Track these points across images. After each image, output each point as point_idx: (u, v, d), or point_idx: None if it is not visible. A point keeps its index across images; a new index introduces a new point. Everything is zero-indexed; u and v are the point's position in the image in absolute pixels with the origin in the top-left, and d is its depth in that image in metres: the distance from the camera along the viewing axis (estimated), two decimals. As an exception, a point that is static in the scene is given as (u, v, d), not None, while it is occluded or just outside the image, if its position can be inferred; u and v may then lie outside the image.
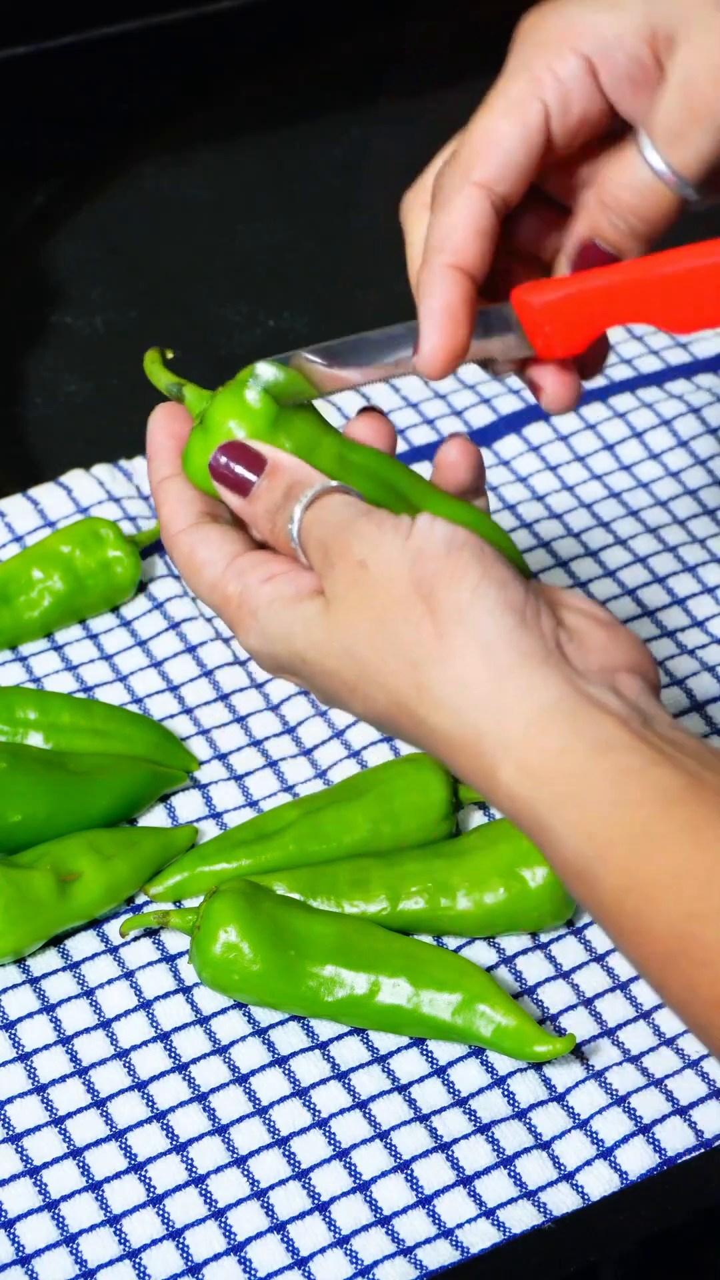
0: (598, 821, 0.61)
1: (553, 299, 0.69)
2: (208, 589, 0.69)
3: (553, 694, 0.62)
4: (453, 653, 0.63)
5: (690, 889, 0.59)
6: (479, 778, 0.64)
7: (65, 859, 0.81)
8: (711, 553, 0.98)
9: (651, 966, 0.61)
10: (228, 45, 1.32)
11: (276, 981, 0.78)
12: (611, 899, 0.61)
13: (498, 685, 0.62)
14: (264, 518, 0.68)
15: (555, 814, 0.62)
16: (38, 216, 1.20)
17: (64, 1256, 0.73)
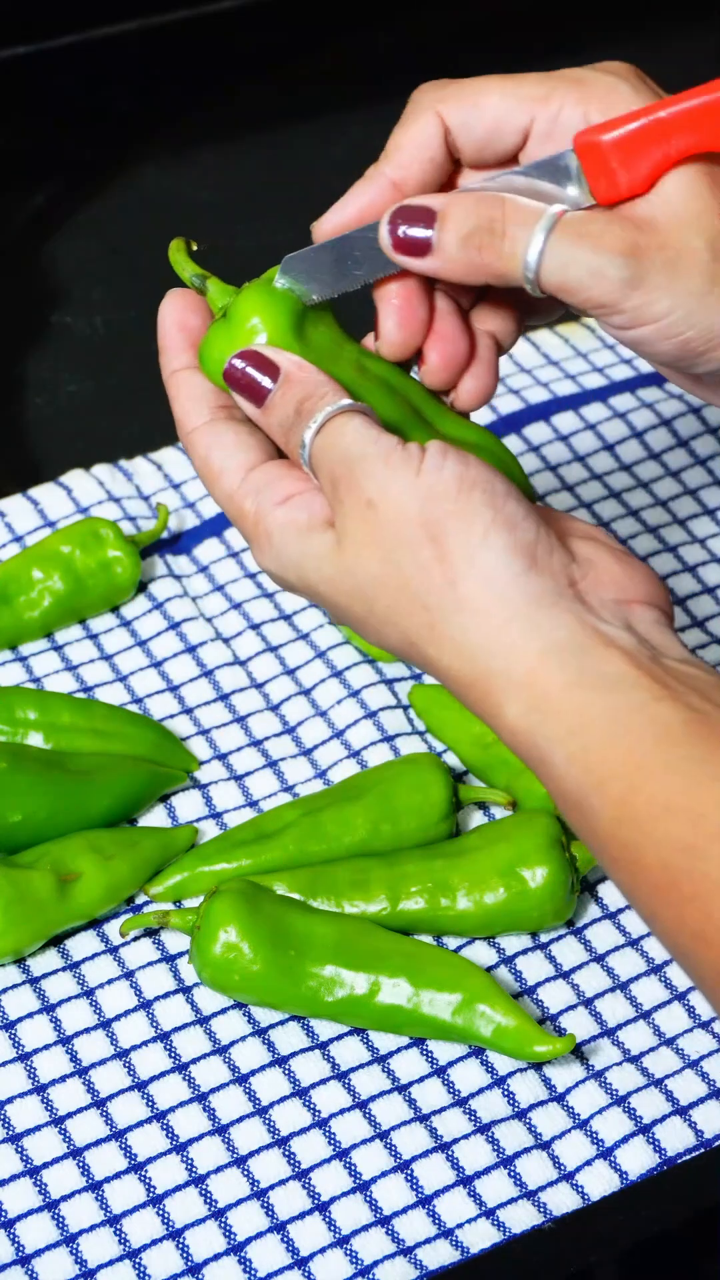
0: (596, 754, 0.62)
1: (622, 135, 0.66)
2: (224, 498, 0.69)
3: (563, 633, 0.63)
4: (463, 599, 0.64)
5: (682, 822, 0.60)
6: (486, 714, 0.65)
7: (65, 859, 0.81)
8: (711, 553, 0.98)
9: (641, 897, 0.62)
10: (228, 45, 1.32)
11: (276, 981, 0.78)
12: (606, 830, 0.62)
13: (507, 628, 0.63)
14: (278, 430, 0.68)
15: (556, 746, 0.63)
16: (38, 216, 1.20)
17: (64, 1256, 0.73)
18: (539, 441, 1.03)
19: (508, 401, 1.05)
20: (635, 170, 0.67)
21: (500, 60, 1.34)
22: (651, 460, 1.03)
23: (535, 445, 1.03)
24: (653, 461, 1.02)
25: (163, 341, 0.72)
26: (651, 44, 1.33)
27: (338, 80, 1.31)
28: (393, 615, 0.65)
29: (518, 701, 0.63)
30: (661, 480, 1.02)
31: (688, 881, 0.60)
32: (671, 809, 0.60)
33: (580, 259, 0.66)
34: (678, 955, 0.61)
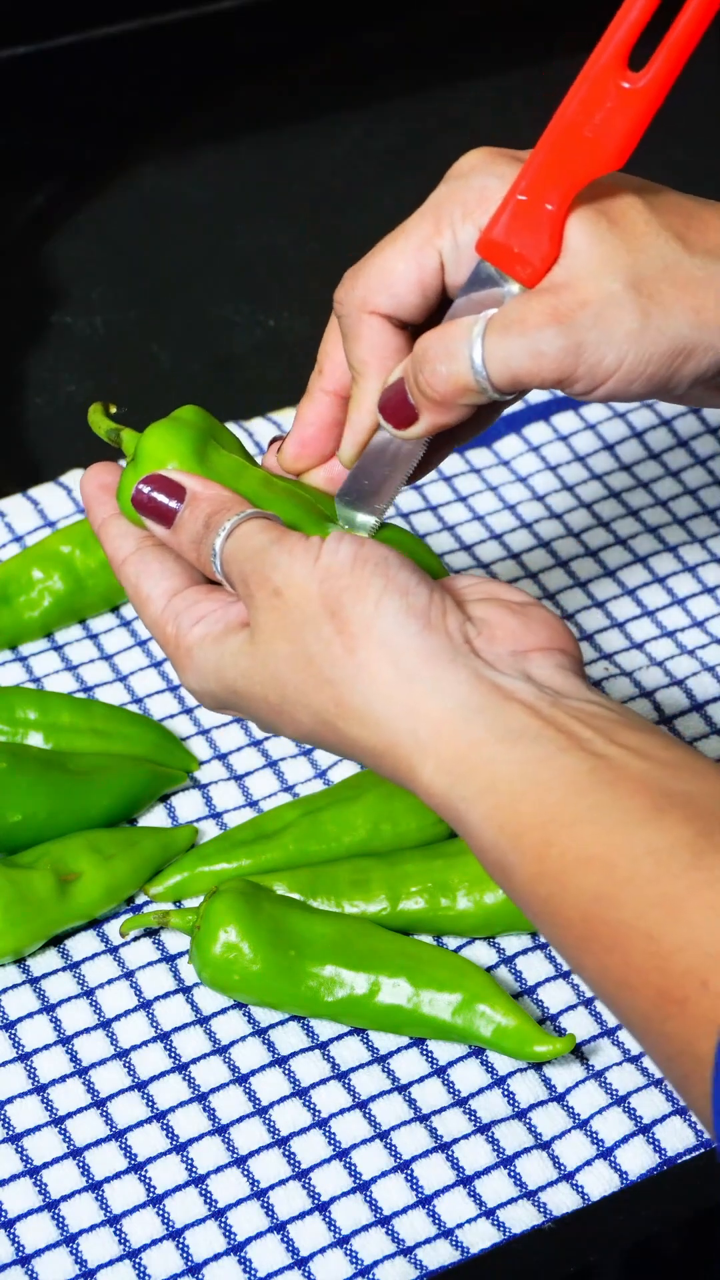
0: (509, 811, 0.63)
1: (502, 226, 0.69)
2: (151, 624, 0.72)
3: (462, 690, 0.65)
4: (362, 666, 0.65)
5: (596, 872, 0.61)
6: (402, 780, 0.66)
7: (65, 859, 0.81)
8: (711, 553, 0.98)
9: (566, 948, 0.62)
10: (228, 45, 1.32)
11: (276, 981, 0.78)
12: (526, 886, 0.63)
13: (408, 690, 0.65)
14: (189, 547, 0.71)
15: (469, 804, 0.64)
16: (38, 216, 1.20)
17: (64, 1256, 0.73)
18: (539, 441, 1.03)
19: (508, 401, 1.05)
20: (536, 245, 0.69)
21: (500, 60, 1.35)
22: (651, 460, 1.02)
23: (535, 445, 1.03)
24: (653, 461, 1.02)
25: (86, 500, 0.75)
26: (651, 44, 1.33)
27: (337, 80, 1.31)
28: (301, 695, 0.67)
29: (428, 763, 0.65)
30: (661, 480, 1.02)
31: (606, 931, 0.60)
32: (584, 860, 0.61)
33: (515, 347, 0.68)
34: (606, 1002, 0.62)
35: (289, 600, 0.67)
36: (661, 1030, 0.59)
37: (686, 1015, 0.58)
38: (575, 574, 0.97)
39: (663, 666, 0.93)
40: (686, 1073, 0.59)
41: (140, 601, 0.72)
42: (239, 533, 0.69)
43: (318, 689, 0.66)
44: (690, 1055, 0.58)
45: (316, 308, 1.10)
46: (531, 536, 0.99)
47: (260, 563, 0.68)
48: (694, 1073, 0.58)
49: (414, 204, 0.74)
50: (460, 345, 0.69)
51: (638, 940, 0.59)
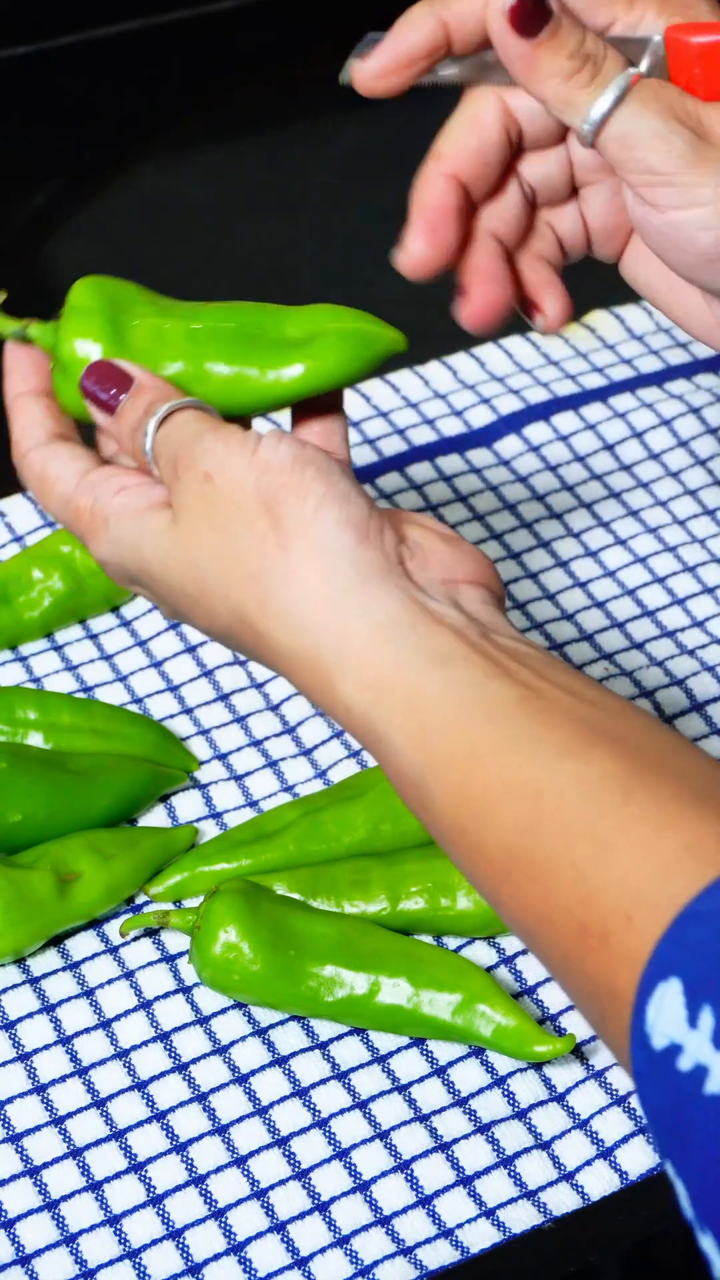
0: (432, 733, 0.62)
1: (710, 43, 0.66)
2: (60, 504, 0.71)
3: (392, 607, 0.63)
4: (293, 568, 0.64)
5: (519, 804, 0.59)
6: (318, 692, 0.64)
7: (65, 859, 0.82)
8: (711, 553, 0.98)
9: (483, 881, 0.61)
10: (228, 45, 1.32)
11: (276, 981, 0.78)
12: (445, 813, 0.61)
13: (336, 600, 0.63)
14: (127, 434, 0.70)
15: (391, 725, 0.62)
16: (38, 216, 1.20)
17: (64, 1256, 0.73)
18: (539, 441, 1.03)
19: (508, 401, 1.05)
20: (713, 81, 0.66)
21: (500, 60, 1.34)
22: (651, 460, 1.02)
23: (535, 445, 1.03)
24: (653, 461, 1.02)
25: (7, 366, 0.74)
26: (651, 44, 1.33)
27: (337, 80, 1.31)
28: (223, 588, 0.65)
29: (350, 678, 0.63)
30: (661, 480, 1.02)
31: (529, 862, 0.59)
32: (509, 788, 0.60)
33: (649, 122, 0.66)
34: (524, 938, 0.61)
35: (219, 488, 0.65)
36: (581, 967, 0.58)
37: (608, 951, 0.57)
38: (575, 574, 0.97)
39: (663, 666, 0.93)
40: (605, 1011, 0.57)
41: (47, 484, 0.71)
42: (175, 419, 0.68)
43: (241, 584, 0.65)
44: (609, 992, 0.57)
45: (316, 308, 1.11)
46: (531, 536, 0.99)
47: (192, 447, 0.67)
48: (611, 1010, 0.57)
49: (414, 204, 0.74)
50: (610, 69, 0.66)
51: (562, 873, 0.58)
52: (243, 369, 0.72)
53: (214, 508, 0.65)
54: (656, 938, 0.55)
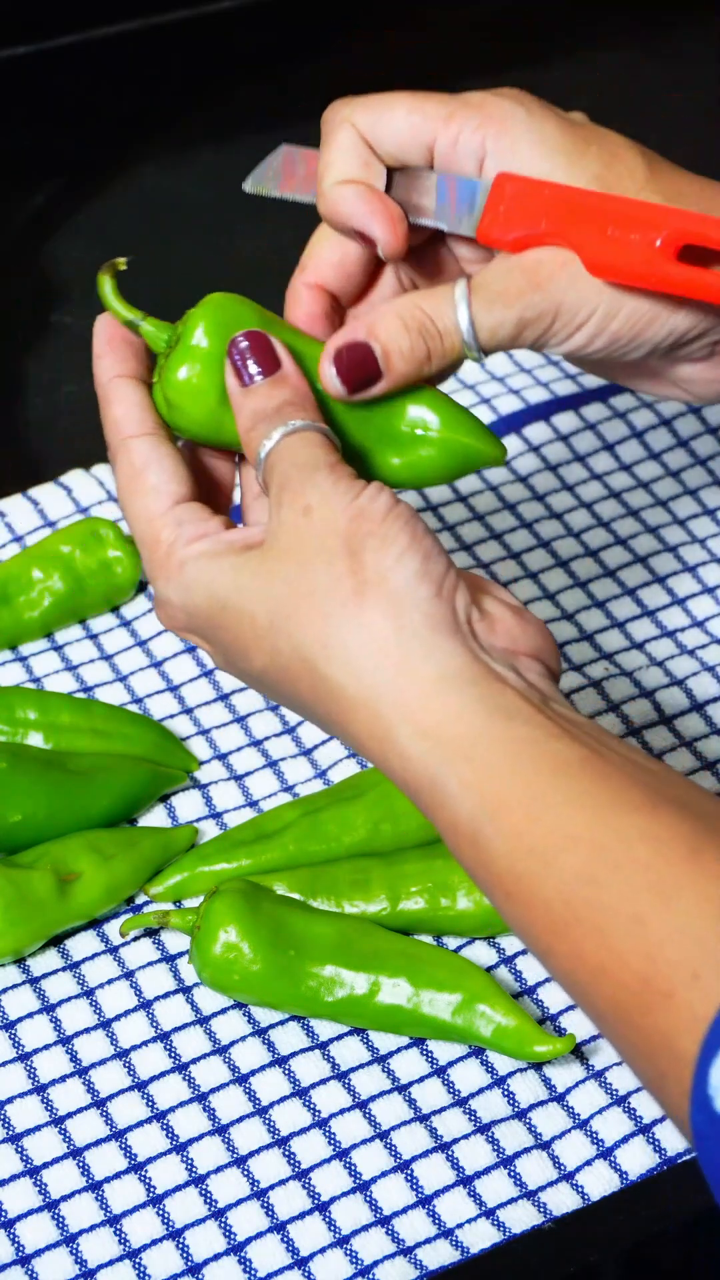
0: (492, 782, 0.61)
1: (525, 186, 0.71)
2: (144, 517, 0.70)
3: (456, 662, 0.63)
4: (364, 611, 0.64)
5: (583, 854, 0.59)
6: (373, 740, 0.64)
7: (65, 859, 0.82)
8: (711, 553, 0.98)
9: (538, 932, 0.60)
10: (228, 45, 1.32)
11: (276, 981, 0.78)
12: (503, 862, 0.61)
13: (402, 648, 0.63)
14: (248, 415, 0.69)
15: (450, 771, 0.62)
16: (38, 216, 1.20)
17: (64, 1256, 0.73)
18: (539, 441, 1.03)
19: (508, 401, 1.05)
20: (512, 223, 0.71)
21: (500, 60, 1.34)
22: (651, 460, 1.02)
23: (535, 445, 1.03)
24: (653, 461, 1.02)
25: (99, 348, 0.74)
26: (651, 44, 1.33)
27: (337, 81, 1.30)
28: (289, 624, 0.65)
29: (410, 725, 0.63)
30: (661, 480, 1.02)
31: (588, 913, 0.59)
32: (573, 839, 0.60)
33: (504, 317, 0.71)
34: (575, 992, 0.60)
35: (313, 523, 0.65)
36: (639, 1023, 0.57)
37: (671, 1008, 0.56)
38: (575, 574, 0.97)
39: (663, 666, 0.93)
40: (663, 1070, 0.57)
41: (140, 488, 0.70)
42: (302, 437, 0.68)
43: (309, 621, 0.65)
44: (669, 1051, 0.56)
45: (316, 308, 1.10)
46: (531, 536, 0.99)
47: (305, 477, 0.66)
48: (671, 1071, 0.56)
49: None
50: (448, 312, 0.70)
51: (625, 925, 0.58)
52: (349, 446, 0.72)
53: (303, 541, 0.65)
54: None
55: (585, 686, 0.92)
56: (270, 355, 0.70)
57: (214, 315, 0.72)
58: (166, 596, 0.69)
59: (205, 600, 0.68)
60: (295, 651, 0.65)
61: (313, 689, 0.65)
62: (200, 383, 0.71)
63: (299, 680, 0.66)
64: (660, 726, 0.90)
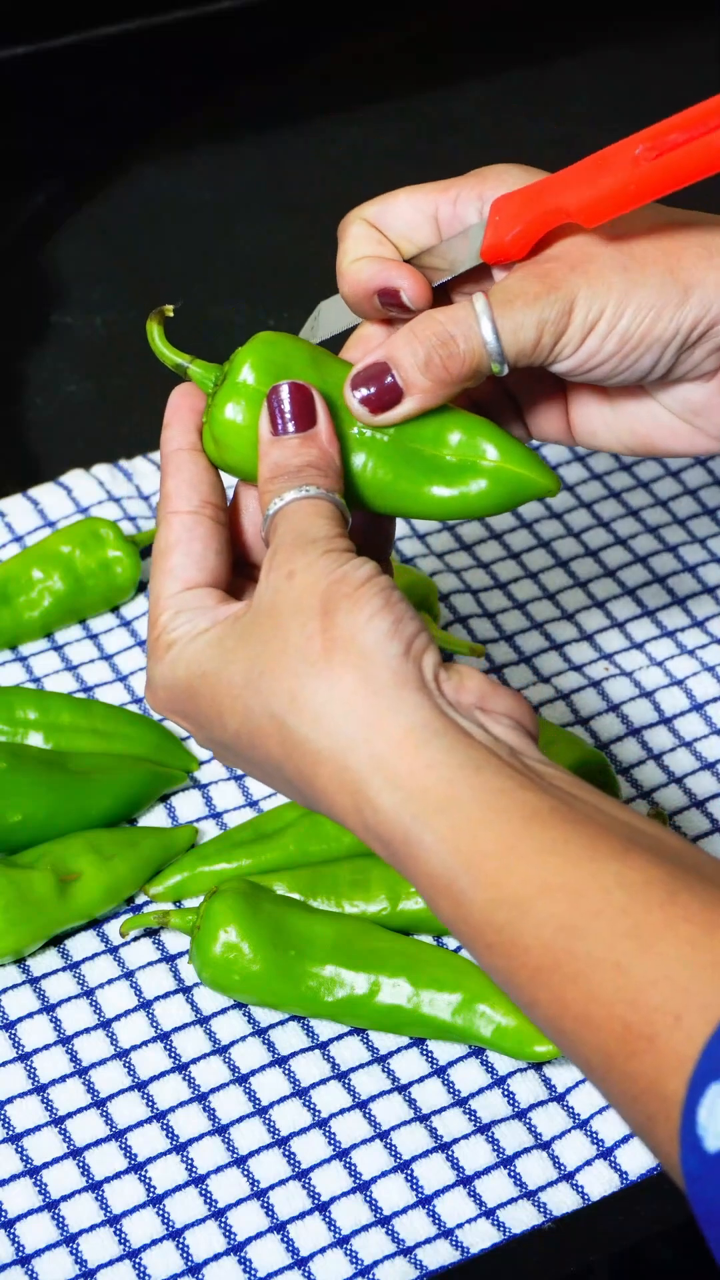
0: (466, 835, 0.61)
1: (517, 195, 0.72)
2: (154, 598, 0.71)
3: (423, 715, 0.63)
4: (332, 668, 0.64)
5: (562, 901, 0.59)
6: (342, 794, 0.64)
7: (65, 859, 0.82)
8: (711, 553, 0.98)
9: (520, 982, 0.60)
10: (228, 45, 1.32)
11: (276, 981, 0.78)
12: (480, 913, 0.61)
13: (370, 703, 0.64)
14: (270, 465, 0.70)
15: (423, 825, 0.62)
16: (38, 216, 1.20)
17: (64, 1256, 0.73)
18: (539, 442, 1.03)
19: (508, 401, 1.05)
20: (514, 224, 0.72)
21: (500, 60, 1.34)
22: (652, 461, 1.02)
23: (535, 446, 1.03)
24: (653, 462, 1.02)
25: (169, 416, 0.73)
26: (651, 44, 1.33)
27: (337, 81, 1.31)
28: (263, 680, 0.65)
29: (380, 776, 0.63)
30: (661, 480, 1.02)
31: (569, 961, 0.58)
32: (549, 888, 0.59)
33: (525, 319, 0.70)
34: (561, 1041, 0.60)
35: (294, 586, 0.66)
36: (625, 1068, 0.57)
37: (656, 1051, 0.56)
38: (575, 574, 0.97)
39: (663, 666, 0.93)
40: (652, 1113, 0.56)
41: (161, 569, 0.71)
42: (313, 504, 0.68)
43: (279, 678, 0.65)
44: (656, 1094, 0.56)
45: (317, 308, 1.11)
46: (532, 536, 0.99)
47: (298, 547, 0.67)
48: (660, 1113, 0.56)
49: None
50: (471, 323, 0.70)
51: (605, 972, 0.58)
52: (394, 482, 0.72)
53: (282, 602, 0.66)
54: (707, 1036, 0.55)
55: (585, 686, 0.92)
56: (309, 411, 0.70)
57: (261, 353, 0.71)
58: (151, 677, 0.70)
59: (185, 673, 0.68)
60: (265, 708, 0.66)
61: (281, 745, 0.65)
62: (247, 419, 0.70)
63: (269, 739, 0.66)
64: (660, 727, 0.90)
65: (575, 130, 1.23)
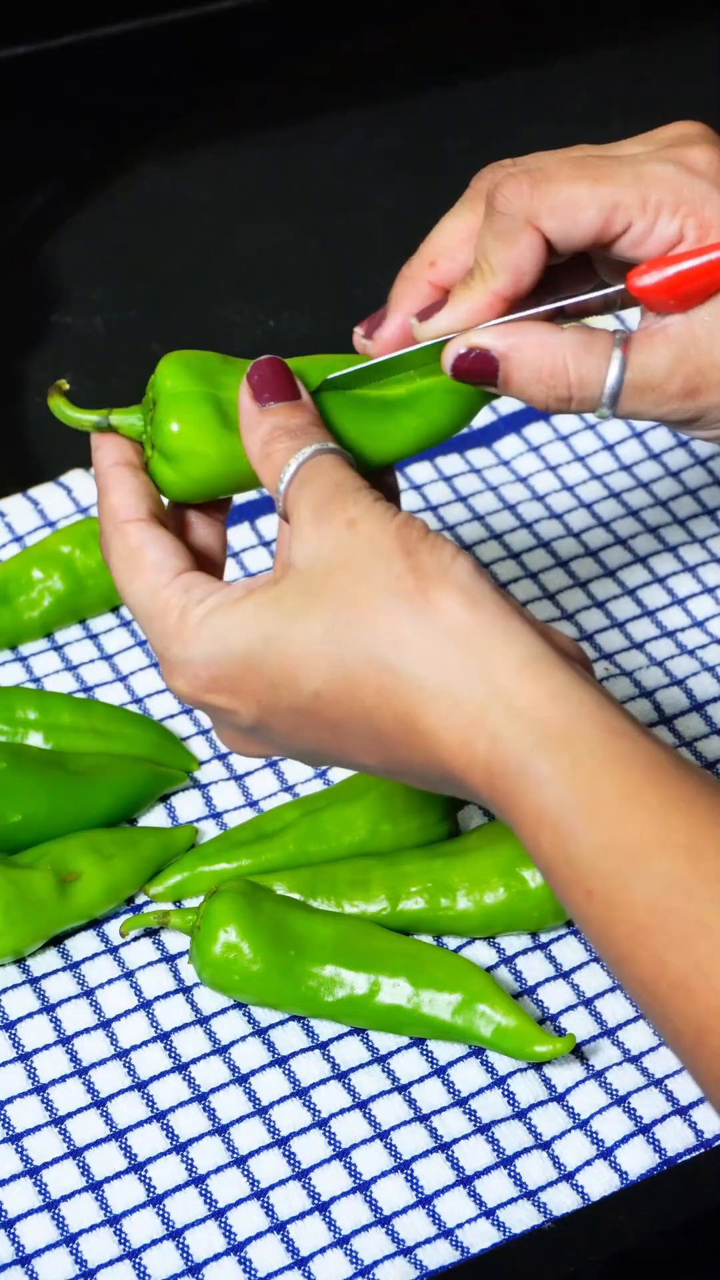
0: (587, 772, 0.59)
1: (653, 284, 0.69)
2: (146, 591, 0.68)
3: (538, 647, 0.62)
4: (435, 602, 0.62)
5: (681, 860, 0.57)
6: (452, 730, 0.62)
7: (65, 859, 0.82)
8: (711, 553, 0.98)
9: (617, 936, 0.58)
10: (228, 45, 1.32)
11: (276, 981, 0.78)
12: (589, 856, 0.59)
13: (483, 630, 0.62)
14: (267, 430, 0.68)
15: (543, 755, 0.60)
16: (38, 216, 1.20)
17: (64, 1256, 0.73)
18: (539, 442, 1.03)
19: (508, 401, 1.05)
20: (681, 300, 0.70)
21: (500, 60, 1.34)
22: (652, 461, 1.03)
23: (535, 445, 1.03)
24: (653, 462, 1.02)
25: (96, 440, 0.72)
26: (652, 44, 1.33)
27: (337, 81, 1.31)
28: (354, 629, 0.63)
29: (501, 704, 0.61)
30: (661, 480, 1.02)
31: (678, 924, 0.57)
32: (668, 845, 0.58)
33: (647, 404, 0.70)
34: (651, 1004, 0.58)
35: (360, 533, 0.64)
36: (718, 1045, 0.55)
37: None
38: (575, 574, 0.97)
39: (663, 666, 0.93)
40: None
41: (138, 564, 0.69)
42: (326, 458, 0.67)
43: (375, 622, 0.63)
44: None
45: (316, 308, 1.11)
46: (532, 536, 0.99)
47: (345, 493, 0.65)
48: None
49: (414, 204, 0.74)
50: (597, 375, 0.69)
51: (713, 941, 0.56)
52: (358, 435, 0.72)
53: (352, 551, 0.64)
54: None
55: (585, 686, 0.92)
56: (289, 382, 0.69)
57: (175, 364, 0.71)
58: (187, 657, 0.66)
59: (241, 643, 0.65)
60: (361, 655, 0.63)
61: (379, 691, 0.63)
62: (196, 418, 0.70)
63: (364, 686, 0.63)
64: (660, 726, 0.90)
65: (575, 130, 1.23)
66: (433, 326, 0.71)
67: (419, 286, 0.72)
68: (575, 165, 0.68)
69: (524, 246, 0.69)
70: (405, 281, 0.72)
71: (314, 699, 0.65)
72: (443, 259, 0.71)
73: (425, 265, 0.71)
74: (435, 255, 0.71)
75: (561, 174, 0.68)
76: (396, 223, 0.73)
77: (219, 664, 0.66)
